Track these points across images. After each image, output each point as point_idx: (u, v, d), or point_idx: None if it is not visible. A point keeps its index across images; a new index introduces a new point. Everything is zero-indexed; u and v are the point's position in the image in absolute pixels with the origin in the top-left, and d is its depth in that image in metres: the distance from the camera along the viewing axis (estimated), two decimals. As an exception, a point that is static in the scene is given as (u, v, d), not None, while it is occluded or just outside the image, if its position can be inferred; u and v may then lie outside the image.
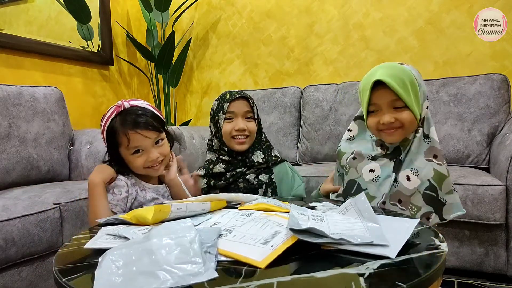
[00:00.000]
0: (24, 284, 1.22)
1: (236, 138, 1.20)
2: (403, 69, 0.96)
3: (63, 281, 0.54)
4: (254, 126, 1.23)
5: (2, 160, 1.56)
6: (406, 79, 0.94)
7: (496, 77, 1.86)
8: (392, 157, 1.02)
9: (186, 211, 0.79)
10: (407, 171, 0.98)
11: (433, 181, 0.97)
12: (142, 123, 0.98)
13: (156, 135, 1.01)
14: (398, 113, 0.96)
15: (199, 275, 0.51)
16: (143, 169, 1.02)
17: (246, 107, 1.21)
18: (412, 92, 0.94)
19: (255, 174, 1.21)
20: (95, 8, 2.44)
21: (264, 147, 1.26)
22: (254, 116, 1.23)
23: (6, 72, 1.96)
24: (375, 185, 1.01)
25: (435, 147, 0.99)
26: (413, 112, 0.95)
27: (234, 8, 2.71)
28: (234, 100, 1.20)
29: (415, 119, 0.96)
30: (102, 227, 0.77)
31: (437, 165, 0.98)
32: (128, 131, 0.97)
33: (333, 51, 2.43)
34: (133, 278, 0.51)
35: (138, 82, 2.91)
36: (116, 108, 1.00)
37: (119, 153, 1.02)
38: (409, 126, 0.97)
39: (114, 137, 0.99)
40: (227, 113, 1.20)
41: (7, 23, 1.96)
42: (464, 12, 2.09)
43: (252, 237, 0.64)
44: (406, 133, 0.99)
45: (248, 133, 1.20)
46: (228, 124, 1.20)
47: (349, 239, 0.60)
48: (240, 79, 2.74)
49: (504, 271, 1.46)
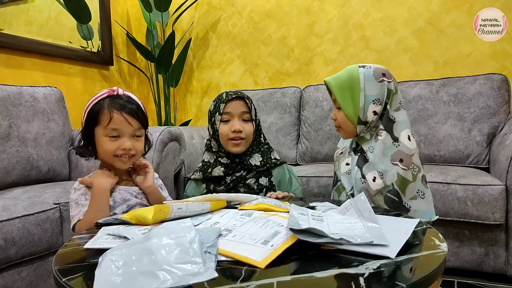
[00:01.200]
0: (24, 284, 1.22)
1: (232, 140, 1.16)
2: (351, 74, 1.05)
3: (63, 281, 0.54)
4: (251, 128, 1.19)
5: (2, 160, 1.56)
6: (348, 82, 1.04)
7: (496, 77, 1.86)
8: (357, 151, 1.08)
9: (186, 211, 0.78)
10: (374, 173, 1.01)
11: (396, 186, 0.98)
12: (129, 108, 0.98)
13: (138, 126, 1.00)
14: (337, 113, 1.09)
15: (199, 275, 0.51)
16: (111, 156, 0.98)
17: (243, 108, 1.17)
18: (348, 95, 1.04)
19: (255, 178, 1.19)
20: (95, 8, 2.44)
21: (262, 149, 1.23)
22: (251, 118, 1.19)
23: (6, 72, 1.96)
24: (347, 177, 1.07)
25: (403, 151, 1.01)
26: (346, 114, 1.05)
27: (234, 8, 2.71)
28: (231, 100, 1.17)
29: (347, 119, 1.06)
30: (102, 227, 0.77)
31: (401, 169, 0.99)
32: (114, 110, 0.96)
33: (333, 51, 2.43)
34: (133, 278, 0.51)
35: (138, 82, 2.91)
36: (109, 91, 1.00)
37: (93, 133, 0.99)
38: (344, 126, 1.08)
39: (96, 115, 0.97)
40: (223, 114, 1.17)
41: (7, 23, 1.96)
42: (464, 12, 2.09)
43: (252, 237, 0.64)
44: (346, 132, 1.10)
45: (244, 135, 1.16)
46: (225, 125, 1.17)
47: (349, 239, 0.60)
48: (240, 79, 2.74)
49: (504, 271, 1.46)
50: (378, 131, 1.03)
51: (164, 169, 1.72)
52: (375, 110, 1.02)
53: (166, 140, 1.73)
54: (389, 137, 1.02)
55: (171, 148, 1.76)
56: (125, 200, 1.02)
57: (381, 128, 1.03)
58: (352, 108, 1.01)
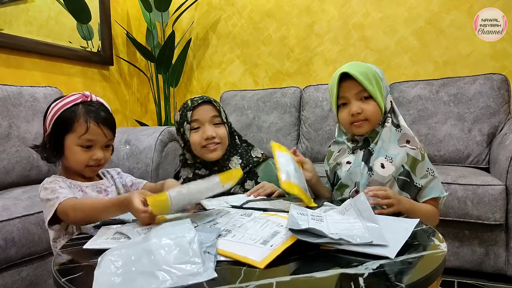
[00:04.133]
0: (24, 284, 1.22)
1: (206, 147, 1.10)
2: (367, 65, 1.05)
3: (63, 281, 0.54)
4: (225, 131, 1.13)
5: (2, 160, 1.56)
6: (369, 73, 1.02)
7: (496, 77, 1.86)
8: (362, 147, 1.07)
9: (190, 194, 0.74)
10: (381, 159, 1.02)
11: (407, 166, 1.00)
12: (106, 119, 0.96)
13: (111, 137, 0.99)
14: (364, 104, 1.03)
15: (198, 275, 0.51)
16: (83, 166, 0.95)
17: (211, 112, 1.12)
18: (375, 85, 1.02)
19: (240, 185, 1.11)
20: (95, 8, 2.44)
21: (240, 150, 1.16)
22: (222, 121, 1.13)
23: (6, 72, 1.96)
24: (348, 174, 1.07)
25: (407, 133, 1.05)
26: (378, 103, 1.02)
27: (234, 8, 2.71)
28: (197, 106, 1.11)
29: (379, 110, 1.03)
30: (102, 227, 0.77)
31: (410, 149, 1.01)
32: (91, 120, 0.93)
33: (333, 51, 2.43)
34: (132, 278, 0.51)
35: (138, 82, 2.91)
36: (82, 96, 0.96)
37: (62, 140, 0.94)
38: (374, 117, 1.04)
39: (69, 122, 0.93)
40: (191, 122, 1.11)
41: (7, 23, 1.95)
42: (464, 12, 2.09)
43: (252, 237, 0.64)
44: (373, 125, 1.05)
45: (219, 140, 1.11)
46: (195, 134, 1.11)
47: (349, 239, 0.60)
48: (240, 79, 2.74)
49: (504, 271, 1.46)
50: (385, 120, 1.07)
51: (164, 169, 1.72)
52: (391, 100, 1.07)
53: (166, 140, 1.73)
54: (392, 124, 1.06)
55: (171, 148, 1.76)
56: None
57: (388, 116, 1.06)
58: (380, 97, 1.03)
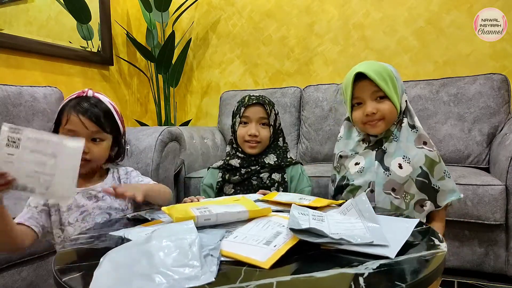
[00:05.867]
0: (24, 284, 1.22)
1: (248, 142, 1.24)
2: (382, 65, 1.03)
3: (63, 281, 0.54)
4: (267, 133, 1.25)
5: (2, 160, 1.56)
6: (384, 73, 1.00)
7: (496, 77, 1.86)
8: (374, 147, 1.06)
9: (216, 221, 0.73)
10: (399, 159, 1.01)
11: (425, 168, 0.99)
12: (87, 110, 0.95)
13: (96, 130, 0.95)
14: (380, 104, 1.01)
15: (195, 279, 0.51)
16: None
17: (261, 113, 1.24)
18: (391, 84, 1.00)
19: (268, 173, 1.24)
20: (95, 8, 2.44)
21: (278, 152, 1.28)
22: (269, 123, 1.25)
23: (6, 72, 1.96)
24: (360, 175, 1.06)
25: (423, 134, 1.05)
26: (393, 103, 1.00)
27: (234, 8, 2.71)
28: (250, 105, 1.24)
29: (395, 109, 1.02)
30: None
31: (428, 151, 1.01)
32: (72, 111, 0.94)
33: (333, 51, 2.43)
34: (128, 280, 0.51)
35: (138, 82, 2.91)
36: (79, 93, 1.00)
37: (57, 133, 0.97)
38: (390, 116, 1.02)
39: (58, 115, 0.98)
40: (242, 117, 1.25)
41: (7, 23, 1.95)
42: (464, 12, 2.09)
43: (254, 238, 0.64)
44: (388, 124, 1.04)
45: (260, 139, 1.23)
46: (243, 128, 1.25)
47: (349, 239, 0.60)
48: (240, 79, 2.74)
49: (504, 271, 1.46)
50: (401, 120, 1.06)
51: (164, 169, 1.72)
52: (406, 99, 1.06)
53: (166, 140, 1.73)
54: (408, 124, 1.05)
55: (171, 148, 1.76)
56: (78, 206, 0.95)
57: (404, 116, 1.06)
58: (396, 97, 1.01)
